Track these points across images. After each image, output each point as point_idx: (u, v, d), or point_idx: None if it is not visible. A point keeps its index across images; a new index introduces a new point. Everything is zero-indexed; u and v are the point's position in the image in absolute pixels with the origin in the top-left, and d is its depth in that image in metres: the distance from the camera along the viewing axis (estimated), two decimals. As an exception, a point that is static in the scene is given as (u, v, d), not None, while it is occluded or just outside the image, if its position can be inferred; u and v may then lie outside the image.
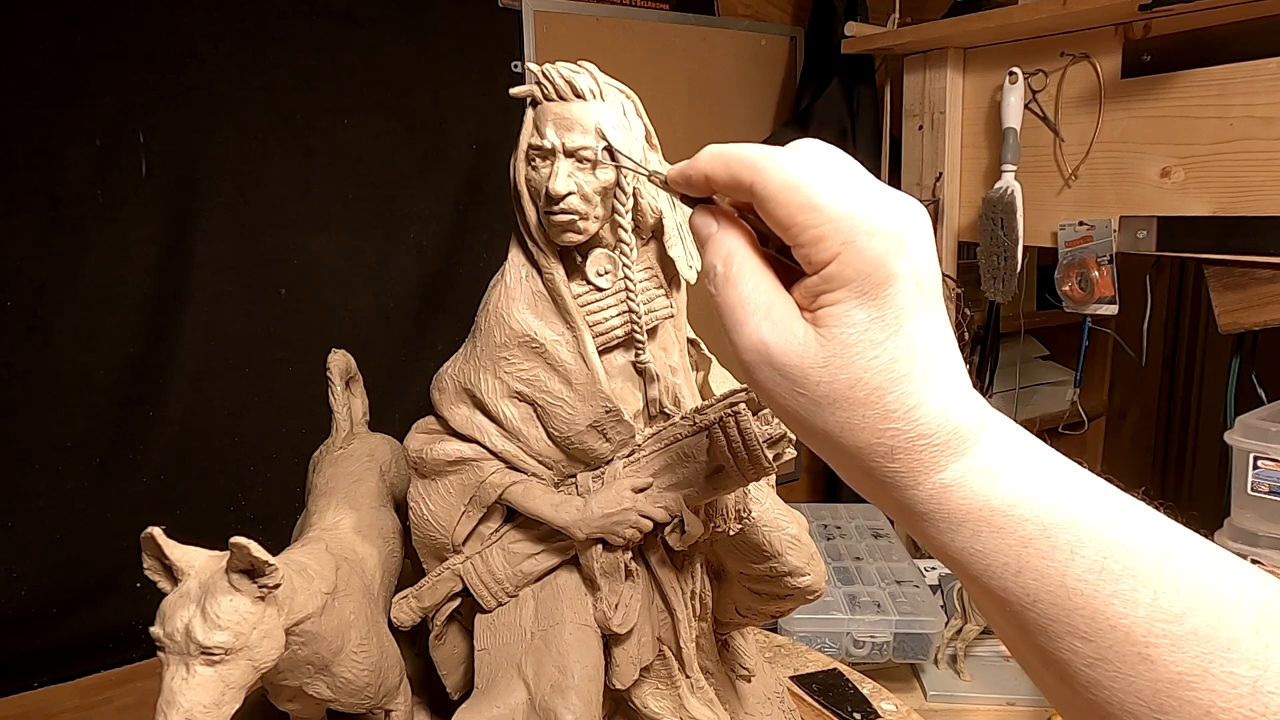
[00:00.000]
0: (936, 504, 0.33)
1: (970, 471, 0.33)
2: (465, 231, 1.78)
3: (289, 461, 1.57)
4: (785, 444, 0.75)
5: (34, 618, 1.44)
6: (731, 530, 0.83)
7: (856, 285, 0.33)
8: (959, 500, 0.33)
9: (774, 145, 0.36)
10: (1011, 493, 0.33)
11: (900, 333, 0.33)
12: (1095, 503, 0.33)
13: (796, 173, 0.34)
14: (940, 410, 0.33)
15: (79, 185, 1.42)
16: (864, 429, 0.33)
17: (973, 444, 0.34)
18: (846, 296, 0.33)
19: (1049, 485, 0.33)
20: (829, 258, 0.33)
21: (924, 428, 0.33)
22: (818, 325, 0.34)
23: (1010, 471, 0.33)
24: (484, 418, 0.80)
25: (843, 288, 0.33)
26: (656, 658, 0.87)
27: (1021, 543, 0.32)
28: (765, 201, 0.34)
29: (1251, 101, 1.37)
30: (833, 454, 0.35)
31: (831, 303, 0.33)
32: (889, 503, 0.35)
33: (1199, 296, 2.55)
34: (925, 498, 0.33)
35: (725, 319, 0.36)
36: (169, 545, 0.67)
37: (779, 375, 0.34)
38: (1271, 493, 1.36)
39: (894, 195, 0.35)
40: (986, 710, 1.47)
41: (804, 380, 0.34)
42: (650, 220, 0.78)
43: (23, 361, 1.41)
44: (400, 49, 1.67)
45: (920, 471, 0.33)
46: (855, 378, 0.33)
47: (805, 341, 0.34)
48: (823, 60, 2.08)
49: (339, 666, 0.76)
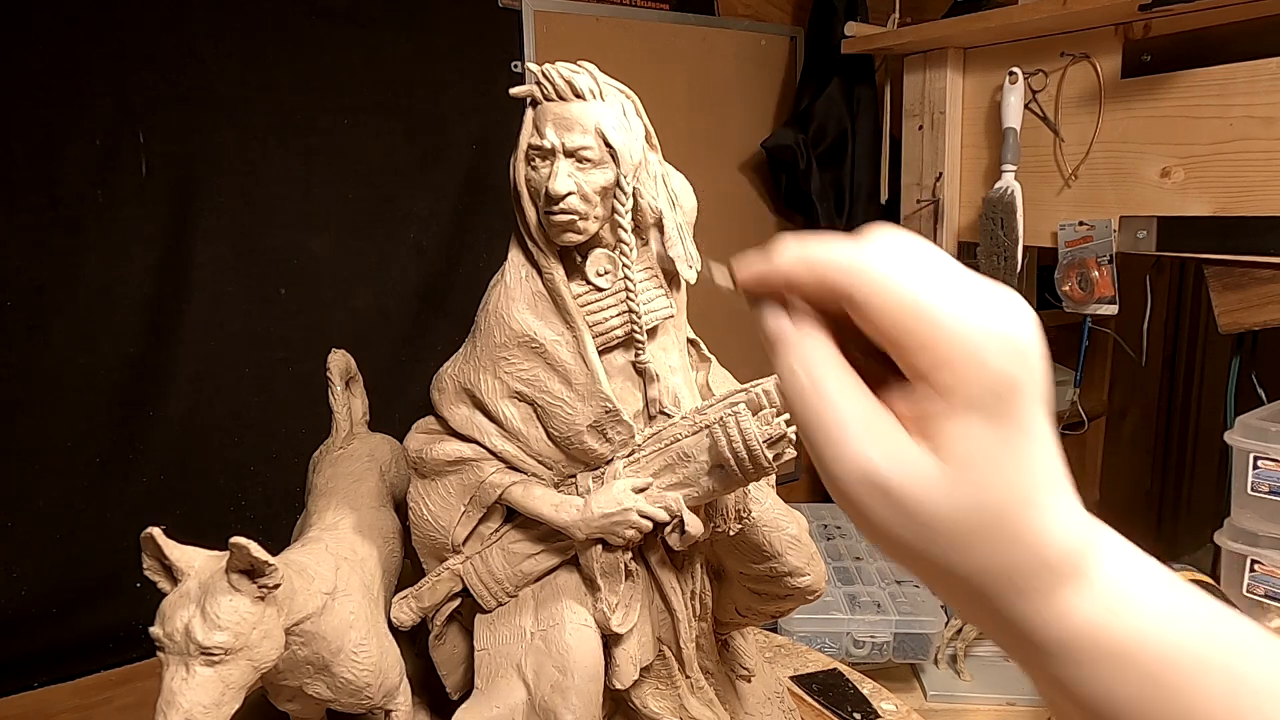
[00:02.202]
0: (1059, 636, 0.31)
1: (1098, 602, 0.31)
2: (465, 231, 1.78)
3: (289, 461, 1.57)
4: (785, 444, 0.75)
5: (34, 618, 1.44)
6: (731, 530, 0.83)
7: (981, 403, 0.30)
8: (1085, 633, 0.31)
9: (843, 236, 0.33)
10: (1138, 626, 0.30)
11: (1025, 452, 0.30)
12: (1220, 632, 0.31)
13: (905, 283, 0.30)
14: (1064, 532, 0.31)
15: (79, 185, 1.42)
16: (984, 556, 0.30)
17: (1096, 570, 0.31)
18: (970, 416, 0.30)
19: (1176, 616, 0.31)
20: (951, 375, 0.30)
21: (1048, 551, 0.30)
22: (936, 448, 0.30)
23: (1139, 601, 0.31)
24: (484, 418, 0.80)
25: (966, 407, 0.30)
26: (656, 658, 0.87)
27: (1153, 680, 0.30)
28: (871, 313, 0.31)
29: (1251, 101, 1.37)
30: (943, 582, 0.32)
31: (953, 424, 0.30)
32: (1003, 635, 0.33)
33: (1199, 296, 2.55)
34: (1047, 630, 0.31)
35: (813, 436, 0.32)
36: (169, 545, 0.67)
37: (888, 502, 0.31)
38: (1271, 493, 1.36)
39: (1000, 293, 0.31)
40: (986, 710, 1.47)
41: (921, 508, 0.30)
42: (650, 220, 0.78)
43: (23, 361, 1.41)
44: (400, 49, 1.67)
45: (1041, 602, 0.31)
46: (978, 503, 0.30)
47: (923, 465, 0.30)
48: (823, 60, 2.08)
49: (339, 666, 0.76)
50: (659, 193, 0.78)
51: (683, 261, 0.80)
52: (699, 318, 0.88)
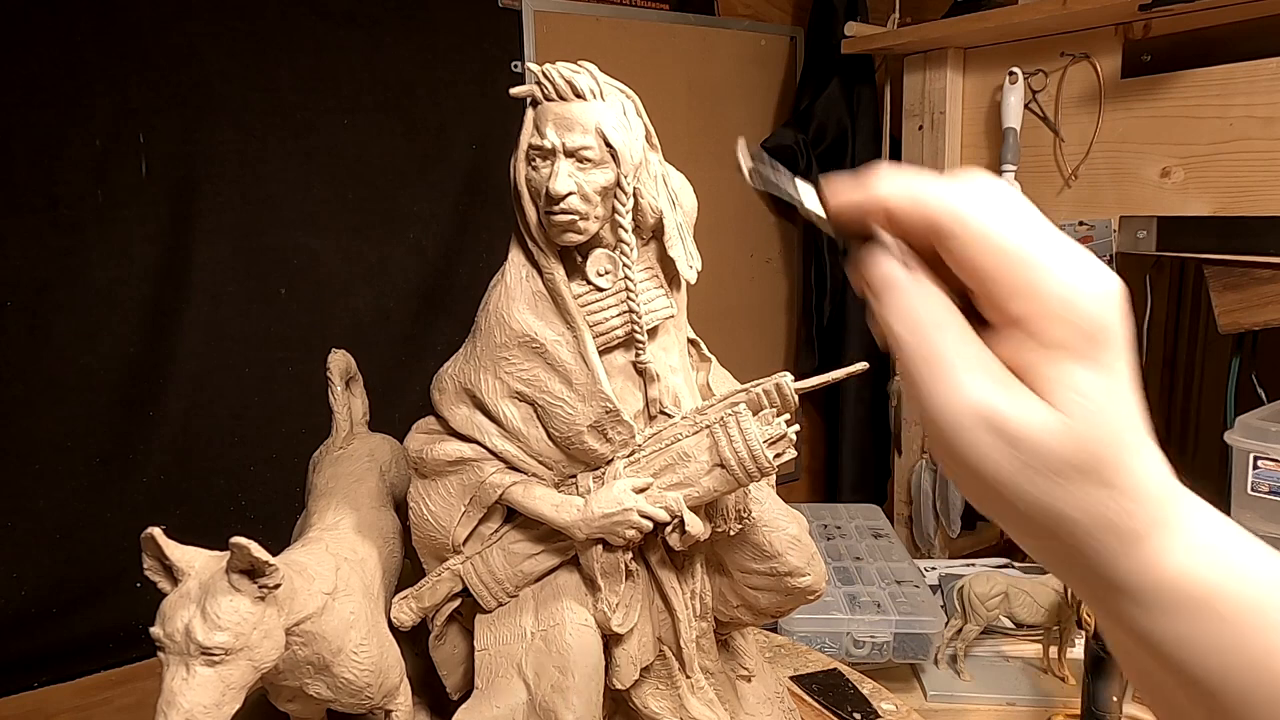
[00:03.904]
0: (1148, 580, 0.31)
1: (1188, 548, 0.31)
2: (465, 231, 1.78)
3: (289, 461, 1.57)
4: (785, 444, 0.75)
5: (34, 618, 1.44)
6: (731, 530, 0.83)
7: (1078, 349, 0.31)
8: (1175, 576, 0.31)
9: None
10: (1226, 575, 0.31)
11: (1122, 397, 0.31)
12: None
13: (1007, 228, 0.31)
14: (1157, 478, 0.32)
15: (79, 185, 1.42)
16: (1083, 500, 0.31)
17: (1182, 517, 0.32)
18: (1069, 361, 0.31)
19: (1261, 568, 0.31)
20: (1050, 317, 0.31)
21: (1145, 494, 0.31)
22: (1040, 392, 0.31)
23: (1223, 551, 0.32)
24: (484, 418, 0.80)
25: (1070, 355, 0.31)
26: (656, 658, 0.87)
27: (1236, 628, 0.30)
28: (972, 254, 0.32)
29: (1251, 101, 1.37)
30: (1037, 529, 0.33)
31: (1054, 369, 0.31)
32: (1090, 580, 0.33)
33: (1199, 296, 2.55)
34: (1137, 573, 0.32)
35: (927, 374, 0.32)
36: (169, 545, 0.67)
37: (1003, 443, 0.31)
38: (1271, 493, 1.36)
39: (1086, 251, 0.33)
40: (986, 710, 1.47)
41: (1037, 450, 0.31)
42: (650, 220, 0.78)
43: (23, 361, 1.41)
44: (400, 49, 1.67)
45: (1135, 542, 0.31)
46: (1084, 445, 0.31)
47: (1039, 409, 0.31)
48: (823, 60, 2.08)
49: (339, 667, 0.76)
50: (659, 193, 0.78)
51: (683, 261, 0.80)
52: (699, 318, 0.88)
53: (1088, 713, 1.25)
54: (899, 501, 2.12)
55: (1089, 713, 1.24)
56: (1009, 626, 1.60)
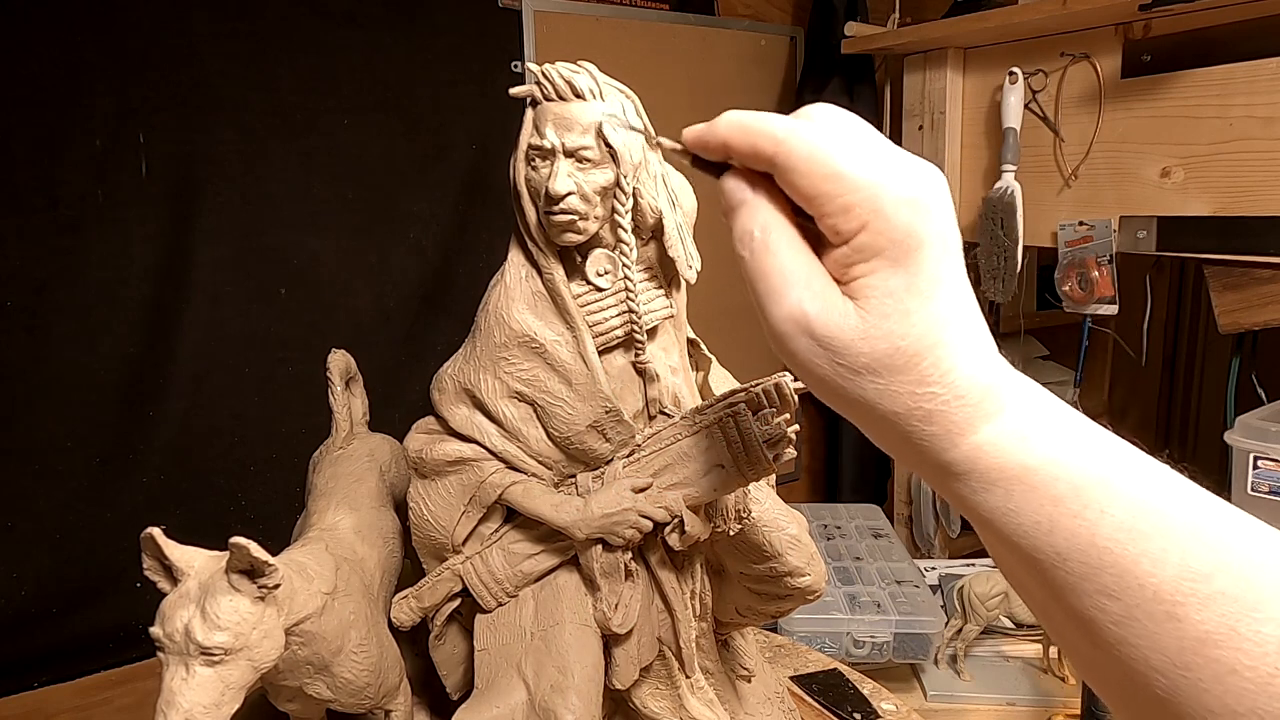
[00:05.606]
0: (971, 464, 0.34)
1: (1004, 432, 0.34)
2: (465, 231, 1.78)
3: (289, 461, 1.57)
4: (785, 444, 0.75)
5: (34, 618, 1.44)
6: (731, 530, 0.83)
7: (888, 253, 0.33)
8: (993, 460, 0.34)
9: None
10: (1043, 452, 0.33)
11: (934, 298, 0.34)
12: (1125, 465, 0.34)
13: (820, 143, 0.34)
14: (973, 373, 0.34)
15: (79, 185, 1.42)
16: (902, 395, 0.34)
17: (1004, 405, 0.34)
18: (879, 265, 0.34)
19: (1080, 446, 0.34)
20: (858, 227, 0.33)
21: (959, 390, 0.34)
22: (853, 296, 0.34)
23: (1042, 432, 0.34)
24: (484, 418, 0.80)
25: (875, 257, 0.33)
26: (656, 658, 0.87)
27: (1053, 501, 0.33)
28: (788, 173, 0.34)
29: (1251, 101, 1.37)
30: (869, 421, 0.36)
31: (865, 273, 0.34)
32: (924, 466, 0.36)
33: (1199, 296, 2.55)
34: (961, 458, 0.34)
35: (759, 286, 0.36)
36: (169, 545, 0.67)
37: (818, 346, 0.34)
38: (1271, 493, 1.36)
39: (914, 161, 0.35)
40: (986, 710, 1.47)
41: (844, 351, 0.34)
42: (650, 220, 0.78)
43: (23, 361, 1.41)
44: (400, 49, 1.67)
45: (956, 433, 0.34)
46: (893, 346, 0.33)
47: (845, 312, 0.34)
48: (823, 60, 2.08)
49: (339, 667, 0.76)
50: (659, 193, 0.78)
51: (683, 261, 0.79)
52: (699, 318, 0.88)
53: (1088, 713, 1.25)
54: (899, 501, 2.12)
55: (1089, 713, 1.24)
56: (1009, 626, 1.61)
